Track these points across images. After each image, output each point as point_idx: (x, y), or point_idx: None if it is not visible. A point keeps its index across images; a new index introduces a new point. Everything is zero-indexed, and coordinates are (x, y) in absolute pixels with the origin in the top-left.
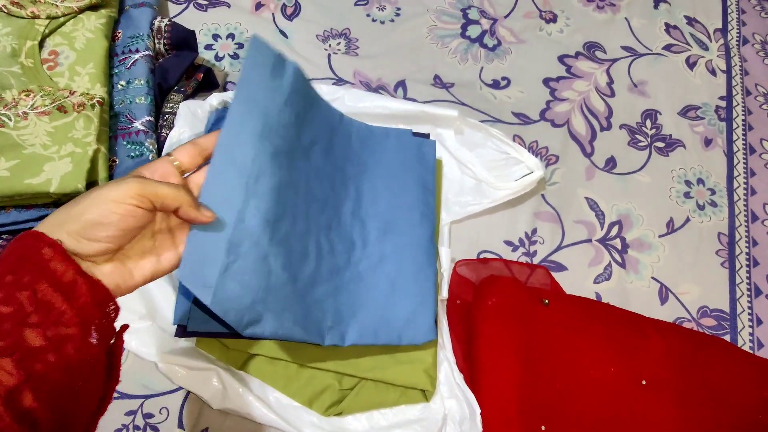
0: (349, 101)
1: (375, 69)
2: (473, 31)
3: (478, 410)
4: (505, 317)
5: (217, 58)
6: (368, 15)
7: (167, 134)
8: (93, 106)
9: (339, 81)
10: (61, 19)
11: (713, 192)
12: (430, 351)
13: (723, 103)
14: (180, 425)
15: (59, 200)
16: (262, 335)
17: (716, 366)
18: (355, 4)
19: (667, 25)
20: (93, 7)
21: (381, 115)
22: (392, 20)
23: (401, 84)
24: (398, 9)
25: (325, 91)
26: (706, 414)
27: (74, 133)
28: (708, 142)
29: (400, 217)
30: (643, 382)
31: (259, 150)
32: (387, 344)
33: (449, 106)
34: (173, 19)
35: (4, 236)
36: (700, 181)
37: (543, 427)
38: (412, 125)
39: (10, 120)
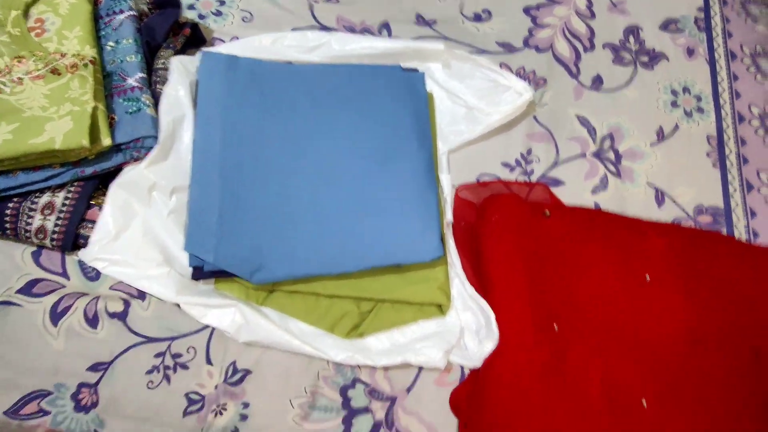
0: (336, 45)
1: (357, 13)
2: None
3: (493, 315)
4: (510, 230)
5: (201, 17)
6: None
7: (161, 89)
8: (86, 65)
9: (323, 29)
10: None
11: (699, 99)
12: (442, 268)
13: (701, 14)
14: (208, 361)
15: (65, 160)
16: (273, 279)
17: (716, 257)
18: None
19: None
20: None
21: (369, 56)
22: None
23: (385, 26)
24: None
25: (311, 37)
26: (709, 302)
27: (71, 93)
28: (690, 53)
29: (397, 146)
30: (647, 278)
31: (225, 138)
32: (397, 264)
33: (432, 41)
34: None
35: (15, 199)
36: (685, 89)
37: (555, 326)
38: (400, 63)
39: (6, 86)
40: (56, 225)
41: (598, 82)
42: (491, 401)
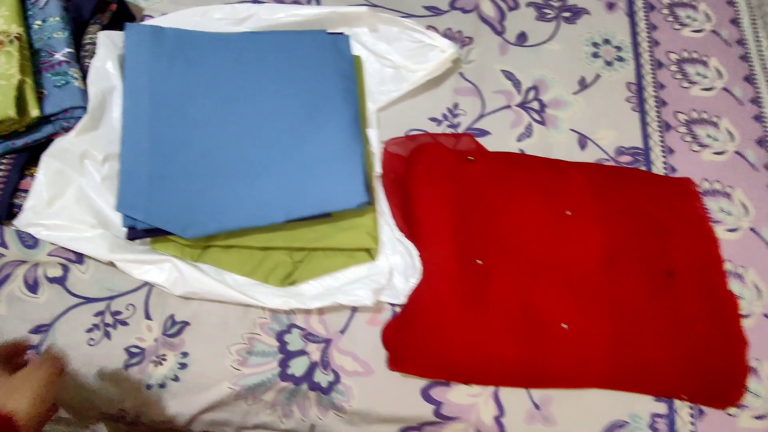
0: (264, 15)
1: None
2: None
3: (417, 252)
4: (435, 175)
5: None
6: None
7: (89, 63)
8: (11, 42)
9: (255, 1)
10: None
11: (619, 49)
12: (370, 216)
13: None
14: (147, 317)
15: None
16: (204, 233)
17: (632, 189)
18: None
19: None
20: None
21: (297, 23)
22: None
23: None
24: None
25: (240, 9)
26: (625, 229)
27: None
28: (610, 6)
29: (322, 103)
30: (568, 213)
31: (154, 104)
32: (325, 213)
33: (357, 6)
34: None
35: None
36: (606, 41)
37: (479, 261)
38: (328, 29)
39: None
40: None
41: (522, 38)
42: (416, 331)
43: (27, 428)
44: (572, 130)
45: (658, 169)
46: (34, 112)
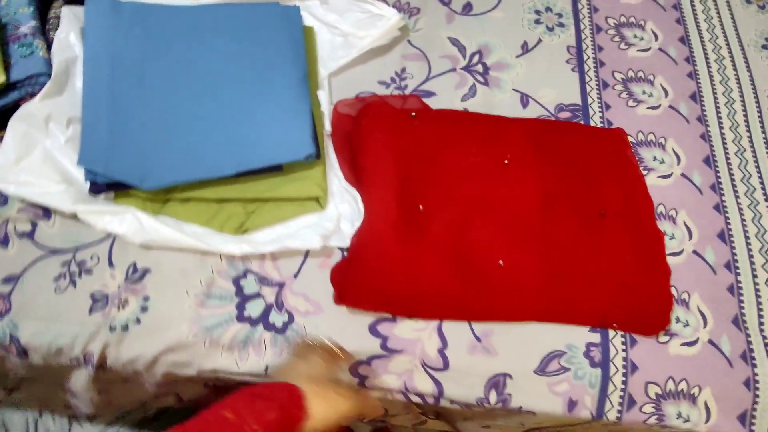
0: None
1: None
2: None
3: (360, 198)
4: (380, 130)
5: None
6: None
7: (54, 35)
8: None
9: None
10: None
11: (561, 16)
12: (319, 168)
13: None
14: (110, 265)
15: None
16: (161, 184)
17: (567, 139)
18: None
19: None
20: None
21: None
22: None
23: None
24: None
25: None
26: (560, 173)
27: None
28: None
29: (271, 65)
30: (506, 162)
31: (112, 68)
32: (274, 164)
33: None
34: None
35: None
36: (548, 9)
37: (420, 206)
38: (283, 2)
39: None
40: None
41: (467, 8)
42: (358, 267)
43: None
44: (514, 90)
45: (596, 123)
46: (1, 78)
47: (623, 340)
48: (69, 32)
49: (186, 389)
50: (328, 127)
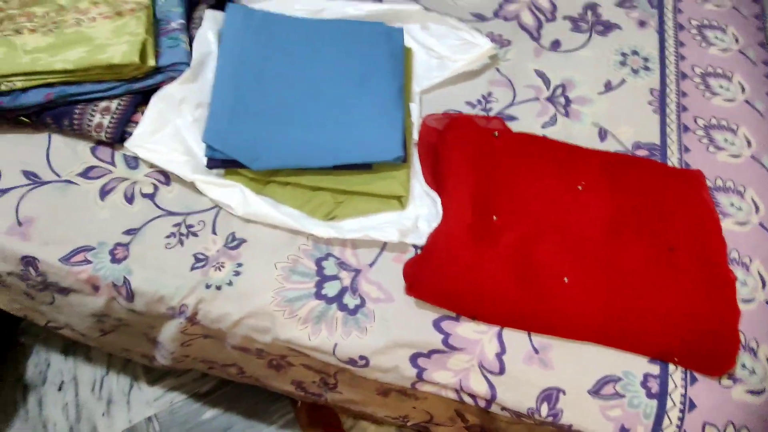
0: (336, 9)
1: None
2: None
3: (440, 201)
4: (463, 143)
5: None
6: None
7: (196, 32)
8: (141, 10)
9: None
10: None
11: (647, 60)
12: (404, 171)
13: None
14: (213, 232)
15: (121, 77)
16: (268, 166)
17: (642, 173)
18: None
19: None
20: None
21: (360, 16)
22: None
23: None
24: None
25: (317, 2)
26: (632, 205)
27: (128, 28)
28: (642, 24)
29: (373, 74)
30: (580, 187)
31: (239, 64)
32: (366, 161)
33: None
34: None
35: (82, 103)
36: (634, 52)
37: (494, 217)
38: (384, 22)
39: (84, 22)
40: (110, 123)
41: (556, 44)
42: (430, 263)
43: None
44: (594, 123)
45: (673, 164)
46: (151, 62)
47: (683, 376)
48: (208, 31)
49: (251, 364)
50: (415, 136)
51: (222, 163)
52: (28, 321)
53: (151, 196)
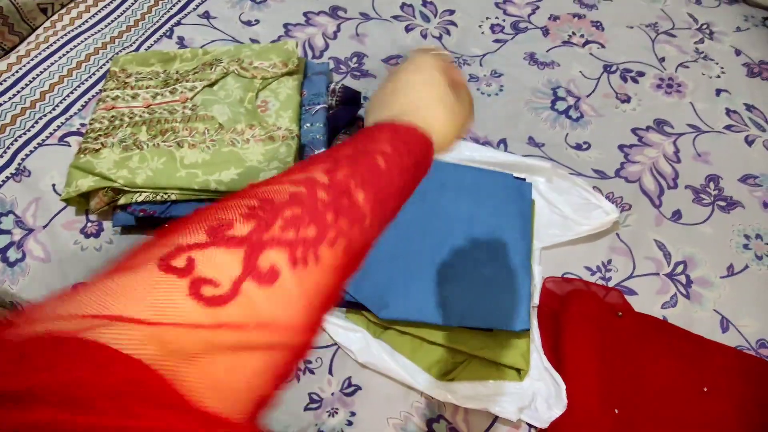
0: (467, 151)
1: (482, 130)
2: (560, 105)
3: (563, 386)
4: (587, 321)
5: None
6: (478, 89)
7: None
8: (292, 138)
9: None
10: (270, 80)
11: None
12: (525, 340)
13: None
14: (330, 372)
15: None
16: (395, 317)
17: None
18: (469, 79)
19: (727, 109)
20: (289, 74)
21: (490, 163)
22: (497, 94)
23: (502, 141)
24: (501, 86)
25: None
26: (761, 421)
27: (279, 155)
28: (766, 205)
29: (503, 235)
30: (705, 389)
31: None
32: (492, 327)
33: (541, 160)
34: (342, 83)
35: None
36: (758, 236)
37: (616, 410)
38: (512, 172)
39: (239, 143)
40: None
41: (677, 215)
42: None
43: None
44: (715, 310)
45: None
46: None
47: None
48: None
49: None
50: (536, 299)
51: (347, 303)
52: None
53: None
